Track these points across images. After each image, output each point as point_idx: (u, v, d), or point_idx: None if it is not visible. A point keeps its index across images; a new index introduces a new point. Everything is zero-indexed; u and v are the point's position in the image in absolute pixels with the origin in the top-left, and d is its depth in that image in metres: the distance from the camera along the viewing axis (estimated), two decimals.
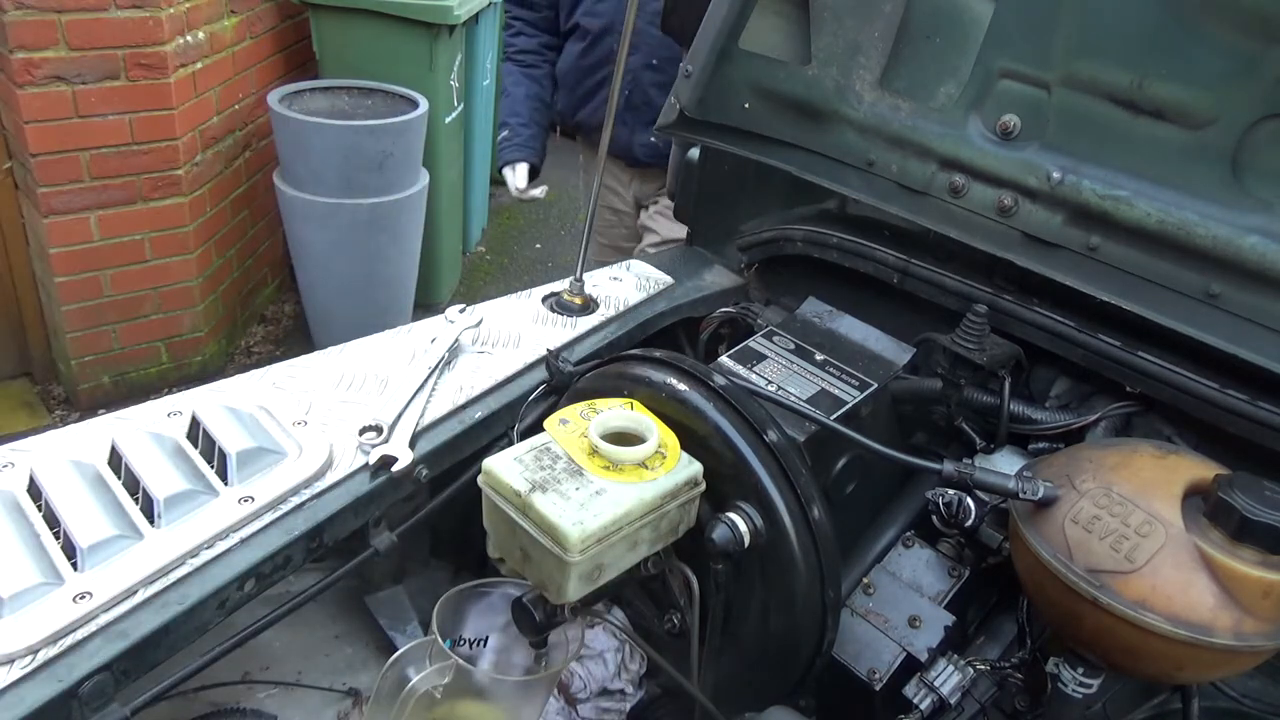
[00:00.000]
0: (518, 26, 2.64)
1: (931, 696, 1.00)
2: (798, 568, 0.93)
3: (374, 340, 1.23)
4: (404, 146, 3.38)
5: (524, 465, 0.90)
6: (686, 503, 0.94)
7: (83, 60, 2.88)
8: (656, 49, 2.33)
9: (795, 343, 1.27)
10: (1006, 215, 1.17)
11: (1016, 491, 0.90)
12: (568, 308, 1.37)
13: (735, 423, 0.96)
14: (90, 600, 0.81)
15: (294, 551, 0.93)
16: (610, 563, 0.89)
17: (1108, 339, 1.12)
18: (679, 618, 1.03)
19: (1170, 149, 1.05)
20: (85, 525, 0.87)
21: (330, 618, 1.24)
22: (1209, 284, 1.03)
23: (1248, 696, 1.02)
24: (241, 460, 0.96)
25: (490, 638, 1.00)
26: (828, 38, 1.29)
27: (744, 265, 1.56)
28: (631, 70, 2.36)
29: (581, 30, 2.49)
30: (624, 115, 2.44)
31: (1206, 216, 1.02)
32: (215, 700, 1.06)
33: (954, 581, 1.12)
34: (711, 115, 1.37)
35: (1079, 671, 0.95)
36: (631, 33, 1.94)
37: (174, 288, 3.37)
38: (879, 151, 1.28)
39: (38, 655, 0.77)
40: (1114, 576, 0.83)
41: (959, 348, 1.13)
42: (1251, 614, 0.80)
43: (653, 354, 1.07)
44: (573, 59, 2.54)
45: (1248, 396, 1.02)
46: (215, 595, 0.86)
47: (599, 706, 1.15)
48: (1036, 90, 1.14)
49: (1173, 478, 0.87)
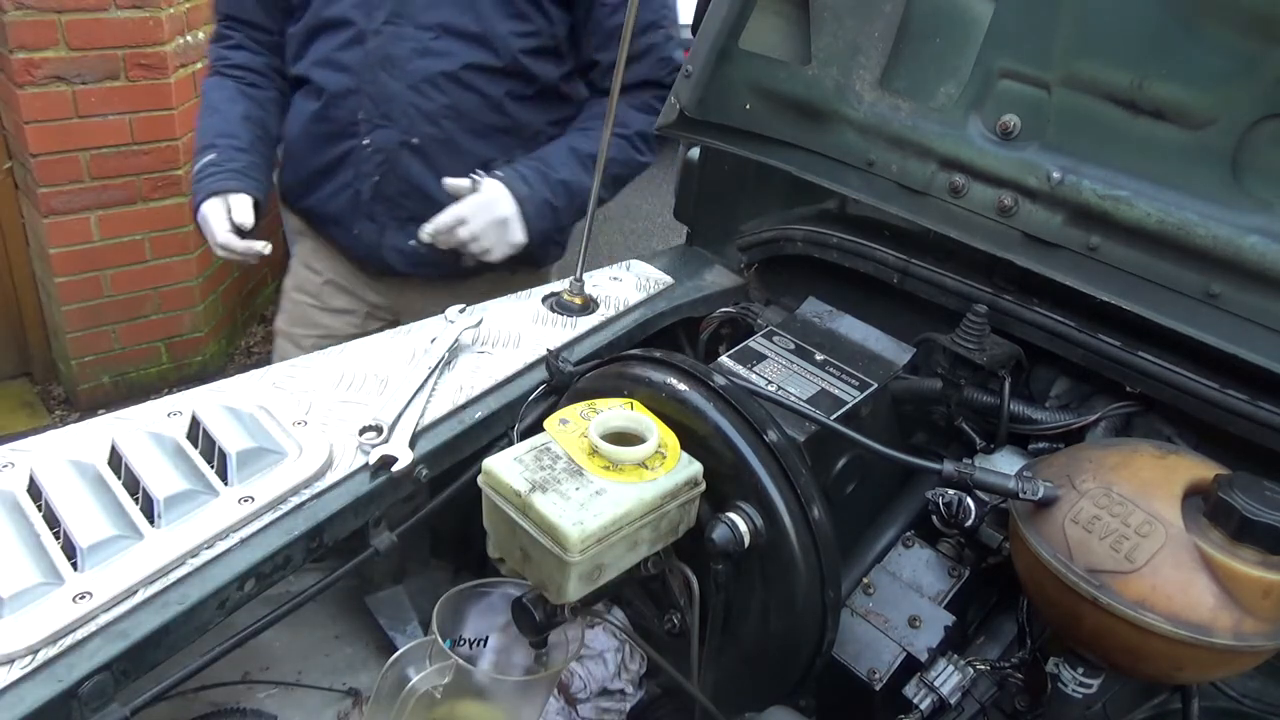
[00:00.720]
0: (236, 39, 1.86)
1: (931, 696, 1.00)
2: (798, 568, 0.93)
3: (374, 340, 1.23)
4: None
5: (524, 465, 0.90)
6: (686, 503, 0.94)
7: (83, 60, 2.89)
8: (417, 124, 1.70)
9: (795, 343, 1.27)
10: (1006, 215, 1.18)
11: (1016, 491, 0.90)
12: (568, 308, 1.37)
13: (735, 423, 0.96)
14: (90, 600, 0.81)
15: (294, 551, 0.93)
16: (610, 563, 0.89)
17: (1108, 339, 1.12)
18: (679, 618, 1.03)
19: (1170, 149, 1.05)
20: (85, 525, 0.87)
21: (330, 618, 1.24)
22: (1209, 284, 1.03)
23: (1248, 696, 1.02)
24: (241, 460, 0.96)
25: (490, 638, 1.00)
26: (828, 38, 1.29)
27: (744, 265, 1.56)
28: (383, 148, 1.72)
29: (314, 87, 1.75)
30: (372, 208, 1.77)
31: (1206, 216, 1.02)
32: (215, 700, 1.06)
33: (954, 581, 1.12)
34: (711, 115, 1.37)
35: (1079, 671, 0.95)
36: (386, 98, 1.68)
37: (174, 288, 3.38)
38: (879, 151, 1.28)
39: (38, 655, 0.77)
40: (1114, 576, 0.83)
41: (959, 348, 1.13)
42: (1251, 614, 0.80)
43: (653, 354, 1.07)
44: (303, 121, 1.78)
45: (1248, 396, 1.02)
46: (215, 595, 0.86)
47: (599, 706, 1.15)
48: (1036, 90, 1.14)
49: (1173, 478, 0.87)
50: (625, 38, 1.29)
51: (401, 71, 1.67)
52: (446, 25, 1.66)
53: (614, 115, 1.31)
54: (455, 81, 1.69)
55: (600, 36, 1.74)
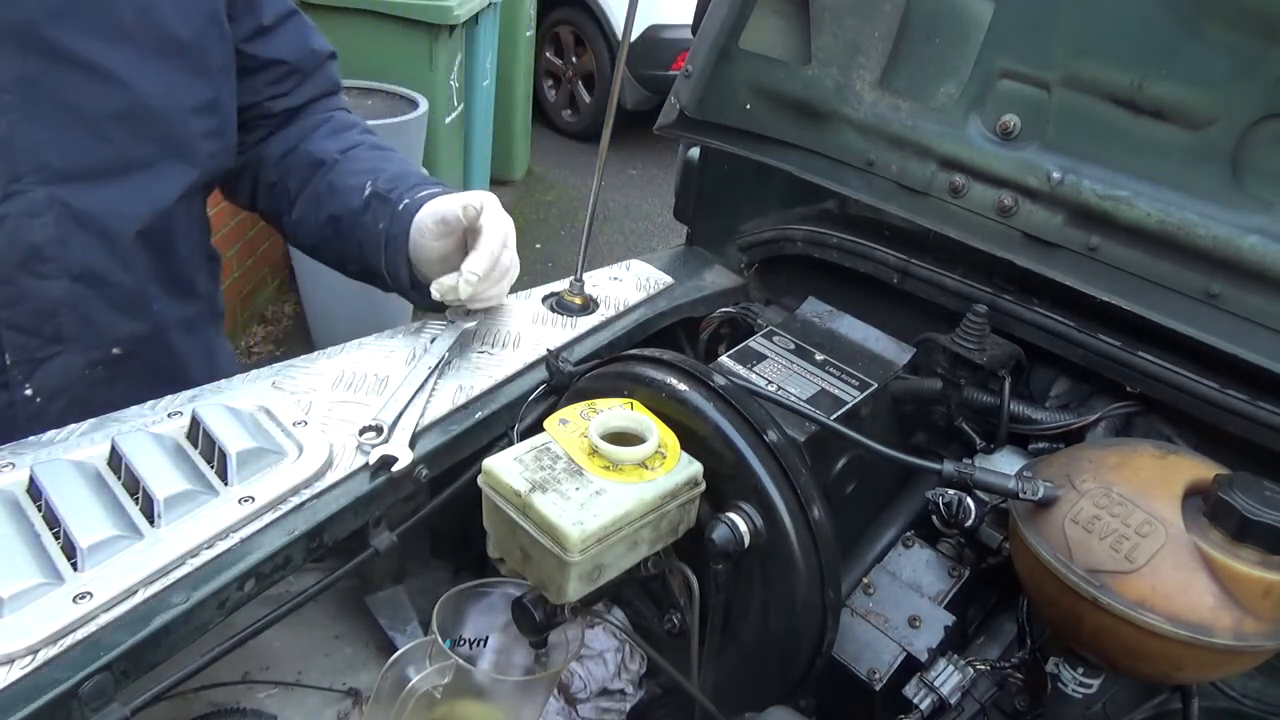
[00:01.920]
0: None
1: (931, 696, 1.00)
2: (798, 568, 0.93)
3: (374, 340, 1.23)
4: (404, 146, 3.37)
5: (524, 465, 0.90)
6: (686, 503, 0.94)
7: None
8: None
9: (795, 343, 1.27)
10: (1006, 215, 1.18)
11: (1016, 491, 0.90)
12: (568, 308, 1.37)
13: (735, 423, 0.96)
14: (90, 600, 0.81)
15: (294, 551, 0.93)
16: (610, 563, 0.89)
17: (1108, 339, 1.12)
18: (679, 618, 1.03)
19: (1170, 149, 1.05)
20: (85, 525, 0.86)
21: (330, 618, 1.24)
22: (1209, 284, 1.03)
23: (1248, 696, 1.02)
24: (241, 460, 0.96)
25: (490, 638, 1.00)
26: (828, 38, 1.29)
27: (744, 265, 1.56)
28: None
29: None
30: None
31: (1206, 216, 1.02)
32: (215, 700, 1.06)
33: (954, 581, 1.12)
34: (711, 115, 1.37)
35: (1079, 671, 0.95)
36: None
37: None
38: (879, 151, 1.28)
39: (38, 655, 0.77)
40: (1114, 576, 0.83)
41: (959, 348, 1.14)
42: (1251, 614, 0.80)
43: (653, 354, 1.07)
44: None
45: (1248, 396, 1.02)
46: (215, 595, 0.86)
47: (599, 706, 1.15)
48: (1037, 90, 1.14)
49: (1173, 478, 0.87)
50: (625, 38, 1.29)
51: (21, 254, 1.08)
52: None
53: (614, 113, 1.30)
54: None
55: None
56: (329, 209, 1.34)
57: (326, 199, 1.35)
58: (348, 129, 1.42)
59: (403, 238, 1.26)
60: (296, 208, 1.39)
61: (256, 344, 3.93)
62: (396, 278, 1.30)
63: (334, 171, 1.36)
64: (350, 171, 1.35)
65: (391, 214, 1.27)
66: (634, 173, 6.27)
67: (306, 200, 1.38)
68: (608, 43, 6.31)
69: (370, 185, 1.31)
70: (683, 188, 1.68)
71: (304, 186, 1.38)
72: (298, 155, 1.38)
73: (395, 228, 1.27)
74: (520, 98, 5.45)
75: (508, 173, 5.67)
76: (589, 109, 6.63)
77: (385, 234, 1.27)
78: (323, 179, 1.36)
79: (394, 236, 1.26)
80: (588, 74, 6.62)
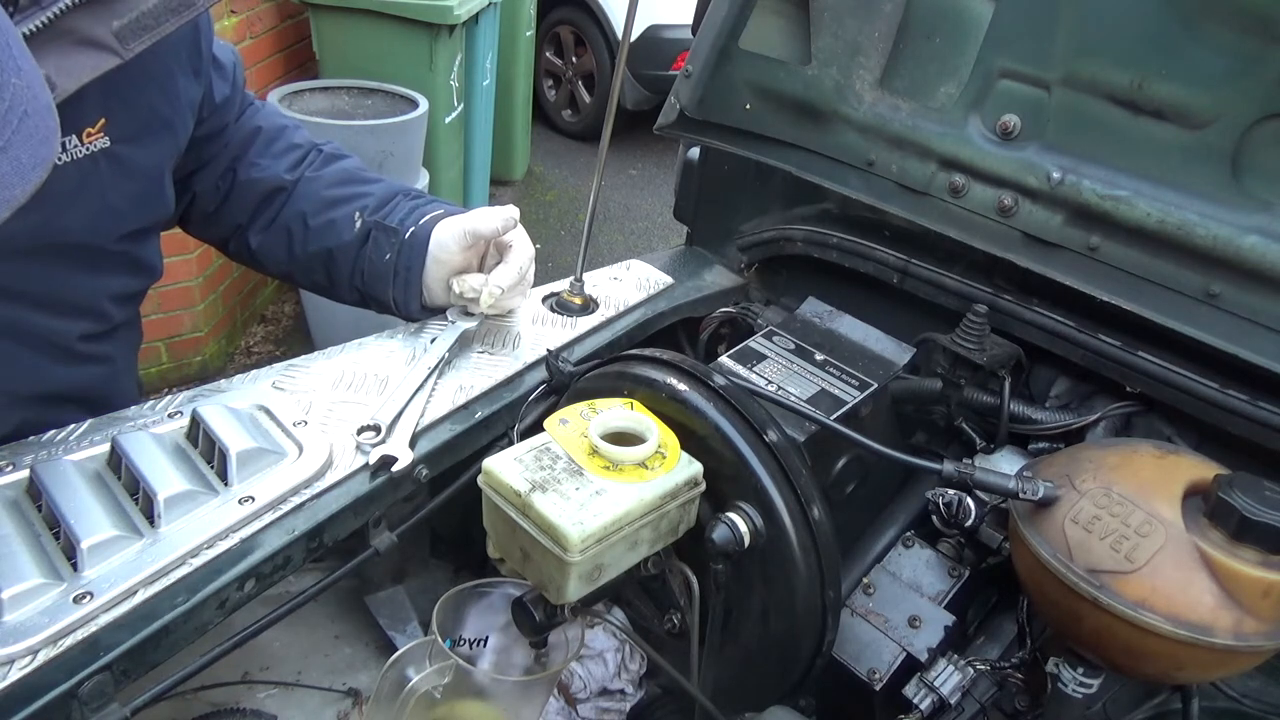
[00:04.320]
0: None
1: (931, 696, 1.00)
2: (798, 568, 0.93)
3: (374, 340, 1.23)
4: (404, 146, 3.38)
5: (524, 465, 0.90)
6: (686, 503, 0.94)
7: None
8: None
9: (795, 343, 1.27)
10: (1006, 215, 1.18)
11: (1016, 491, 0.90)
12: (568, 308, 1.37)
13: (735, 423, 0.96)
14: (90, 600, 0.81)
15: (294, 551, 0.93)
16: (610, 563, 0.89)
17: (1108, 339, 1.12)
18: (679, 618, 1.03)
19: (1170, 149, 1.05)
20: (85, 525, 0.86)
21: (330, 618, 1.24)
22: (1209, 284, 1.03)
23: (1248, 696, 1.02)
24: (241, 460, 0.96)
25: (490, 638, 1.00)
26: (828, 38, 1.29)
27: (744, 265, 1.56)
28: None
29: None
30: None
31: (1206, 216, 1.02)
32: (215, 700, 1.06)
33: (954, 581, 1.12)
34: (712, 115, 1.37)
35: (1079, 671, 0.95)
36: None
37: (174, 288, 3.37)
38: (879, 151, 1.28)
39: (38, 655, 0.77)
40: (1114, 576, 0.83)
41: (959, 348, 1.14)
42: (1251, 614, 0.80)
43: (653, 354, 1.07)
44: None
45: (1248, 396, 1.02)
46: (215, 595, 0.86)
47: (599, 706, 1.15)
48: (1037, 90, 1.14)
49: (1173, 478, 0.87)
50: (625, 38, 1.29)
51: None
52: None
53: (613, 112, 1.30)
54: None
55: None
56: (315, 243, 1.31)
57: (304, 234, 1.31)
58: (276, 137, 1.35)
59: (416, 268, 1.27)
60: (255, 237, 1.35)
61: (256, 344, 3.93)
62: (405, 307, 1.31)
63: (298, 198, 1.32)
64: (321, 201, 1.31)
65: (399, 245, 1.27)
66: (634, 173, 6.27)
67: (272, 234, 1.34)
68: (608, 43, 6.31)
69: (359, 216, 1.30)
70: (683, 188, 1.68)
71: (256, 216, 1.34)
72: (237, 184, 1.32)
73: (405, 259, 1.27)
74: (520, 98, 5.45)
75: (507, 173, 5.67)
76: (589, 109, 6.63)
77: (394, 266, 1.28)
78: (290, 209, 1.32)
79: (405, 268, 1.27)
80: (588, 74, 6.61)
